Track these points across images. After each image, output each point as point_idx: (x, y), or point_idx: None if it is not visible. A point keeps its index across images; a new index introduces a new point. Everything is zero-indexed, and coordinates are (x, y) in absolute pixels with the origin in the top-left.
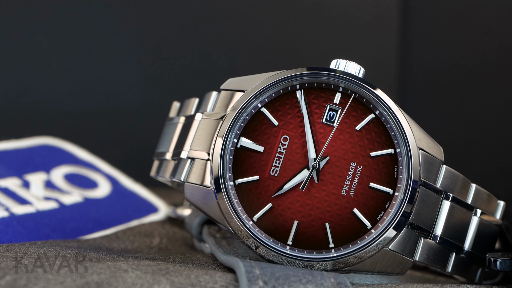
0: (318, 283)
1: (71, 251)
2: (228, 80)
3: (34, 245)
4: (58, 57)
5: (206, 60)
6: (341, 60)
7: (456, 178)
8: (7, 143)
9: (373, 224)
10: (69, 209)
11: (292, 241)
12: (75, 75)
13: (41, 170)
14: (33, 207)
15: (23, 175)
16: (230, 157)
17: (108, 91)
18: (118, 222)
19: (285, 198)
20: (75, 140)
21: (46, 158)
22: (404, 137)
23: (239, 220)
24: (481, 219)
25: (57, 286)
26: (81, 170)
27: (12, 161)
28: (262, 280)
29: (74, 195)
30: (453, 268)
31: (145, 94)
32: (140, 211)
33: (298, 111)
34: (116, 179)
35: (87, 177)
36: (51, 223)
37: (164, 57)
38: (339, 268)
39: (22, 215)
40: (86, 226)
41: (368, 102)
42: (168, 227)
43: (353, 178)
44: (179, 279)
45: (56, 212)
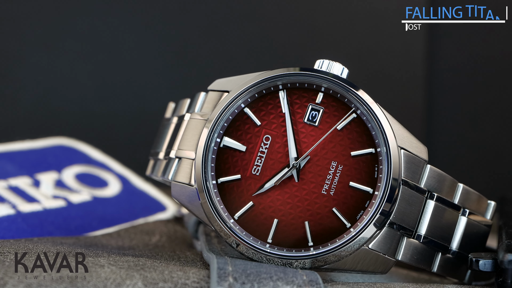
0: (289, 280)
1: (61, 247)
2: (216, 81)
3: (30, 241)
4: (85, 60)
5: (231, 62)
6: (325, 60)
7: (442, 178)
8: (22, 143)
9: (352, 223)
10: (76, 208)
11: (272, 239)
12: (101, 77)
13: (53, 170)
14: (40, 205)
15: (35, 174)
16: (213, 156)
17: (133, 93)
18: (124, 220)
19: (266, 197)
20: (98, 141)
21: (59, 158)
22: (384, 136)
23: (220, 218)
24: (469, 219)
25: (32, 280)
26: (92, 169)
27: (25, 160)
28: (233, 276)
29: (83, 194)
30: (439, 268)
31: (169, 96)
32: (148, 210)
33: (280, 111)
34: (127, 179)
35: (98, 177)
36: (56, 221)
37: (188, 59)
38: (318, 266)
39: (28, 213)
40: (91, 224)
41: (349, 102)
42: (171, 226)
43: (334, 177)
44: (152, 275)
45: (62, 210)
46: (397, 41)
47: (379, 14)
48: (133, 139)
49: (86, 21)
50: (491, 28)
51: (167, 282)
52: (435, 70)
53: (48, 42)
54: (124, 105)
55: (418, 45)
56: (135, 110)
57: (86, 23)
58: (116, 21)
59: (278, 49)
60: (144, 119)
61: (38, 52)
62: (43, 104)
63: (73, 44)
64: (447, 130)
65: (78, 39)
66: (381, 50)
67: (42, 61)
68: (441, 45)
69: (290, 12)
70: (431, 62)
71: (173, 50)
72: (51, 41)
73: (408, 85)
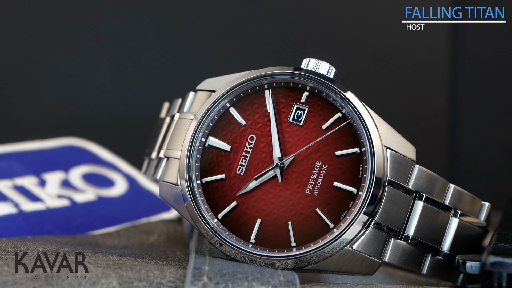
0: (264, 280)
1: (50, 246)
2: (204, 81)
3: (24, 239)
4: (107, 62)
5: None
6: (312, 59)
7: (432, 179)
8: (31, 143)
9: (336, 223)
10: (80, 207)
11: (254, 239)
12: (121, 78)
13: (60, 169)
14: (43, 204)
15: (41, 174)
16: (198, 156)
17: (152, 94)
18: (127, 220)
19: (250, 197)
20: (115, 141)
21: (67, 158)
22: (368, 135)
23: (203, 218)
24: (461, 221)
25: (9, 277)
26: (100, 169)
27: (33, 160)
28: (208, 276)
29: (88, 193)
30: (429, 270)
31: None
32: (153, 210)
33: (265, 111)
34: (135, 179)
35: (105, 177)
36: (57, 220)
37: (207, 62)
38: (301, 267)
39: (30, 212)
40: (92, 223)
41: (335, 101)
42: (172, 226)
43: (318, 177)
44: (128, 274)
45: (65, 209)
46: (419, 41)
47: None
48: (148, 139)
49: (106, 24)
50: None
51: (142, 281)
52: (458, 70)
53: (70, 44)
54: (142, 107)
55: (442, 45)
56: (152, 112)
57: (106, 26)
58: (136, 23)
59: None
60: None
61: (60, 55)
62: (64, 104)
63: (94, 46)
64: (471, 130)
65: (99, 41)
66: (404, 50)
67: (64, 63)
68: (464, 45)
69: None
70: (455, 62)
71: (191, 53)
72: (73, 43)
73: (431, 86)
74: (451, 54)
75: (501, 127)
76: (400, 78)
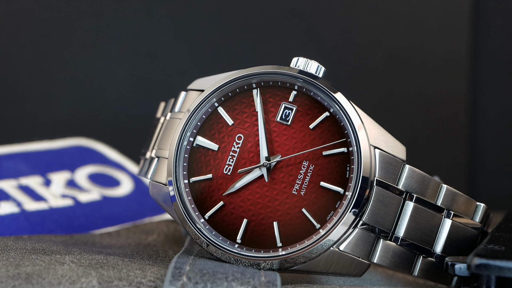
0: (244, 281)
1: (41, 245)
2: (195, 80)
3: (17, 238)
4: (122, 63)
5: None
6: (301, 58)
7: (423, 179)
8: (39, 143)
9: (322, 223)
10: (83, 207)
11: (241, 240)
12: (137, 79)
13: (66, 169)
14: (47, 204)
15: (47, 174)
16: (186, 155)
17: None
18: (130, 220)
19: (237, 197)
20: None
21: (74, 158)
22: (355, 134)
23: (189, 218)
24: (454, 222)
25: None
26: (106, 169)
27: (40, 160)
28: (187, 276)
29: (93, 193)
30: (421, 272)
31: None
32: (156, 209)
33: (253, 110)
34: (141, 179)
35: (111, 176)
36: (59, 220)
37: (225, 63)
38: (287, 267)
39: (32, 211)
40: (94, 222)
41: (323, 100)
42: (173, 226)
43: (305, 177)
44: (109, 273)
45: (68, 209)
46: (440, 39)
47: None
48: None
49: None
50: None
51: (122, 280)
52: (479, 69)
53: (88, 45)
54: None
55: (462, 42)
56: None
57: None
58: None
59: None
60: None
61: (78, 55)
62: (78, 105)
63: (112, 47)
64: (492, 130)
65: (116, 42)
66: (424, 48)
67: (80, 64)
68: (486, 43)
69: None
70: (476, 60)
71: (207, 54)
72: (91, 44)
73: (451, 84)
74: (471, 52)
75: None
76: (419, 77)
